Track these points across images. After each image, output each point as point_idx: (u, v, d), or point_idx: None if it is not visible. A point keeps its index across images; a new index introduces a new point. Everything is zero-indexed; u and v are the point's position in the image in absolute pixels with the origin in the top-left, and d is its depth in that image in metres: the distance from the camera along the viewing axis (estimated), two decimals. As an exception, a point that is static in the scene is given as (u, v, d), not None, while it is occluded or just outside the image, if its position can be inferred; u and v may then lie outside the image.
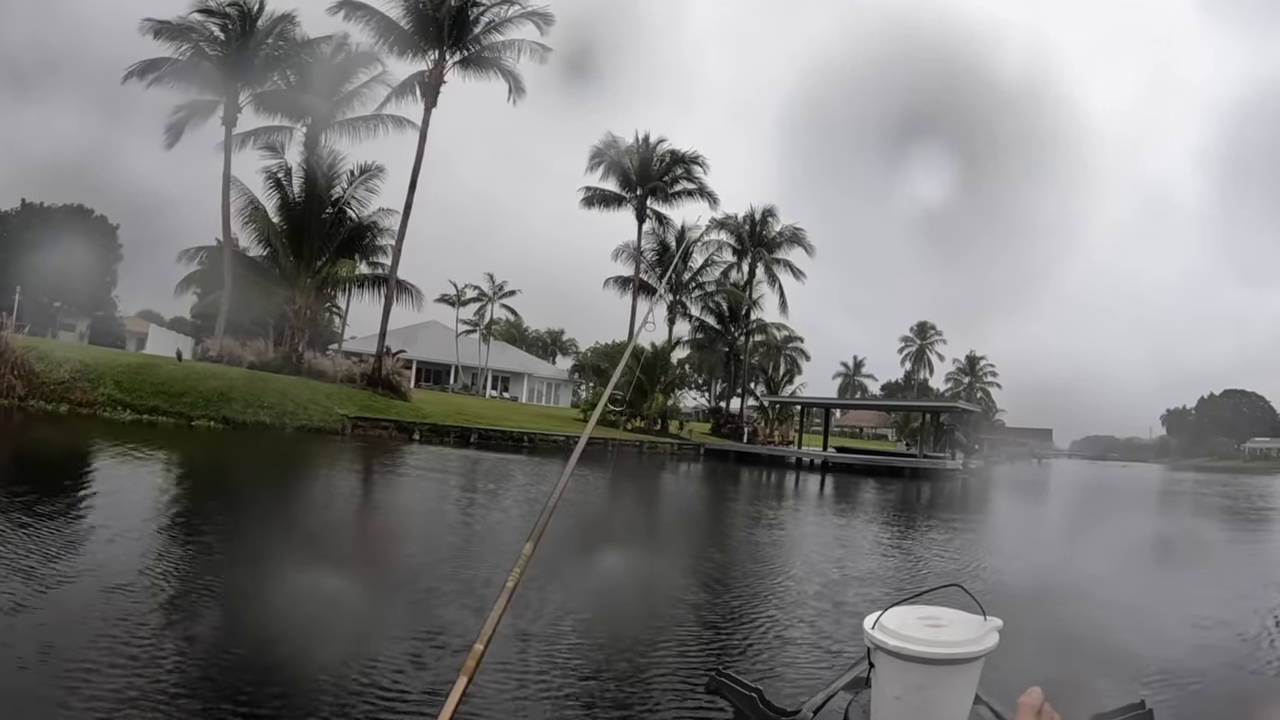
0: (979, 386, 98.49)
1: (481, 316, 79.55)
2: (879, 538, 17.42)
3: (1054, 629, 7.87)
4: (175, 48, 36.33)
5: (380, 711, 5.14)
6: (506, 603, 1.90)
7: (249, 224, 36.56)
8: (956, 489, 36.16)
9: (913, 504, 27.76)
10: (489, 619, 1.86)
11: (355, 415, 32.54)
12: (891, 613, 3.28)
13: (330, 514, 14.14)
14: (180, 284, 38.12)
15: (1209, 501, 36.06)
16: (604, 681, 6.35)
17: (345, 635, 6.45)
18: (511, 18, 38.98)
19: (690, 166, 53.02)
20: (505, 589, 1.95)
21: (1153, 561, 14.40)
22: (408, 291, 40.84)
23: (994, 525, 22.25)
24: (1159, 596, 10.75)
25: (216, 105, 37.61)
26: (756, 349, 68.62)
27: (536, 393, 79.99)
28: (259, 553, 9.57)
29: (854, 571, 12.08)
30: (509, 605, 1.91)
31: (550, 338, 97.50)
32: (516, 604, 2.01)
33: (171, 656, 5.73)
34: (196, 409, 28.96)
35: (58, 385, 27.45)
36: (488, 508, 17.43)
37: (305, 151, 38.67)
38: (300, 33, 38.97)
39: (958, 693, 3.19)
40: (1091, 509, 30.71)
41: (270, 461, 23.22)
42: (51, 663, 5.32)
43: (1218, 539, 20.54)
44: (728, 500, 26.16)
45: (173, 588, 7.66)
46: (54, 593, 6.90)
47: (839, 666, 5.45)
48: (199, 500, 14.24)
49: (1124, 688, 5.78)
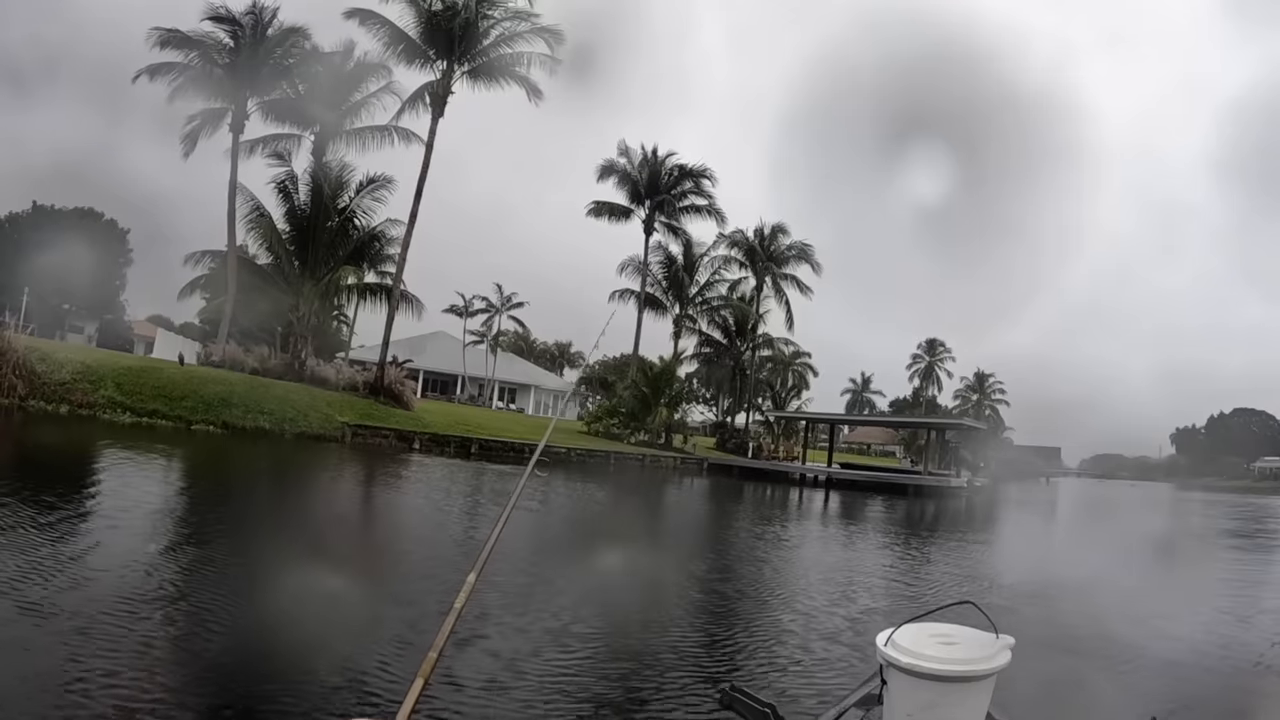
0: (987, 404, 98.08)
1: (489, 328, 79.67)
2: (855, 563, 17.16)
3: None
4: (184, 54, 36.53)
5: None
6: (455, 620, 2.06)
7: (253, 230, 36.73)
8: (958, 508, 35.82)
9: (909, 523, 27.47)
10: (443, 627, 2.01)
11: (355, 423, 32.52)
12: (903, 630, 3.28)
13: (291, 521, 13.99)
14: (184, 289, 38.22)
15: (1207, 524, 35.58)
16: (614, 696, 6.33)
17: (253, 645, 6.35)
18: (522, 33, 39.16)
19: (699, 180, 52.98)
20: (454, 609, 2.07)
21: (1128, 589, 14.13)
22: (409, 302, 40.92)
23: (986, 550, 21.90)
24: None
25: (226, 112, 37.76)
26: (764, 364, 68.48)
27: (543, 405, 79.94)
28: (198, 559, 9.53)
29: (813, 605, 11.83)
30: (457, 622, 2.06)
31: (558, 350, 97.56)
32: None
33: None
34: (196, 413, 28.99)
35: (59, 386, 27.48)
36: (449, 517, 17.32)
37: (313, 160, 38.90)
38: (310, 44, 39.16)
39: (970, 711, 3.18)
40: (1088, 533, 30.45)
41: (255, 468, 23.14)
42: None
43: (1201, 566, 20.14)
44: (720, 516, 25.98)
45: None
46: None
47: (851, 683, 5.41)
48: (160, 506, 14.03)
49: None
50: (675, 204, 52.90)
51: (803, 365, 76.51)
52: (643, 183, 52.12)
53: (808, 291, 59.42)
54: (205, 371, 33.37)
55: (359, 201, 37.95)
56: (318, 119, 39.27)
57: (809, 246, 59.23)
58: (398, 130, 39.93)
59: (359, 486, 21.55)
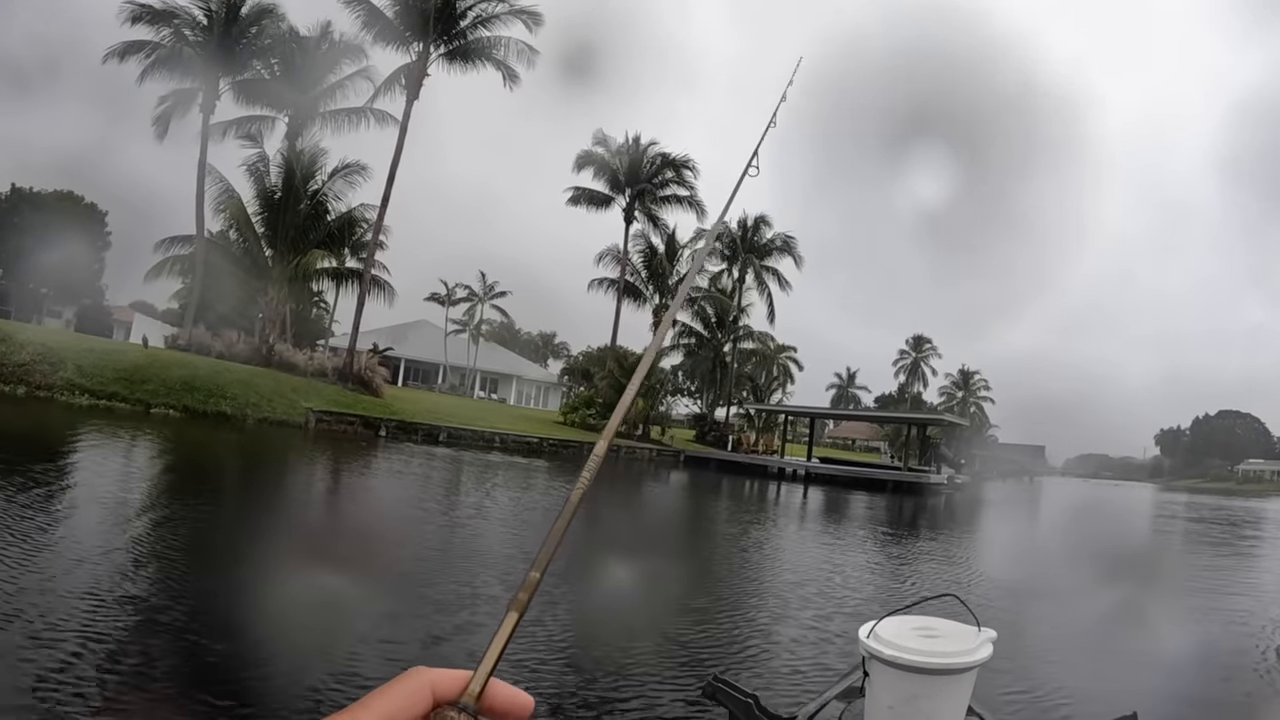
0: (972, 401, 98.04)
1: (471, 316, 79.24)
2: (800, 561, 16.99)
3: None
4: (155, 31, 36.14)
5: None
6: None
7: (219, 213, 36.40)
8: (931, 505, 35.58)
9: (873, 520, 27.20)
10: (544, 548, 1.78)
11: (320, 410, 32.21)
12: (886, 622, 3.35)
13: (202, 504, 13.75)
14: (150, 272, 37.71)
15: (1187, 528, 35.45)
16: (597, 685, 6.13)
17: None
18: (500, 14, 38.81)
19: (681, 170, 52.54)
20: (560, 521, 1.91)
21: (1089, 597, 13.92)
22: (380, 287, 40.65)
23: (947, 548, 21.66)
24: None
25: (198, 93, 37.40)
26: (749, 358, 68.22)
27: (525, 395, 79.70)
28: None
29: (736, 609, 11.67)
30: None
31: (542, 340, 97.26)
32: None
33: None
34: (157, 397, 28.70)
35: (17, 367, 27.13)
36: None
37: (286, 142, 38.56)
38: (285, 24, 38.80)
39: (951, 703, 3.24)
40: (1061, 533, 30.35)
41: (197, 452, 22.77)
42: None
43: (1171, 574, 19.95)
44: (689, 511, 25.78)
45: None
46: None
47: (833, 675, 5.47)
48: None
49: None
50: (656, 193, 52.49)
51: (787, 359, 76.28)
52: (623, 170, 51.67)
53: (787, 287, 59.29)
54: (169, 355, 33.05)
55: (331, 185, 37.61)
56: (292, 101, 38.93)
57: (792, 239, 59.02)
58: (374, 113, 39.69)
59: (294, 474, 21.27)
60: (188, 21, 36.72)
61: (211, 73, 36.94)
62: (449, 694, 0.58)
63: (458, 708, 0.57)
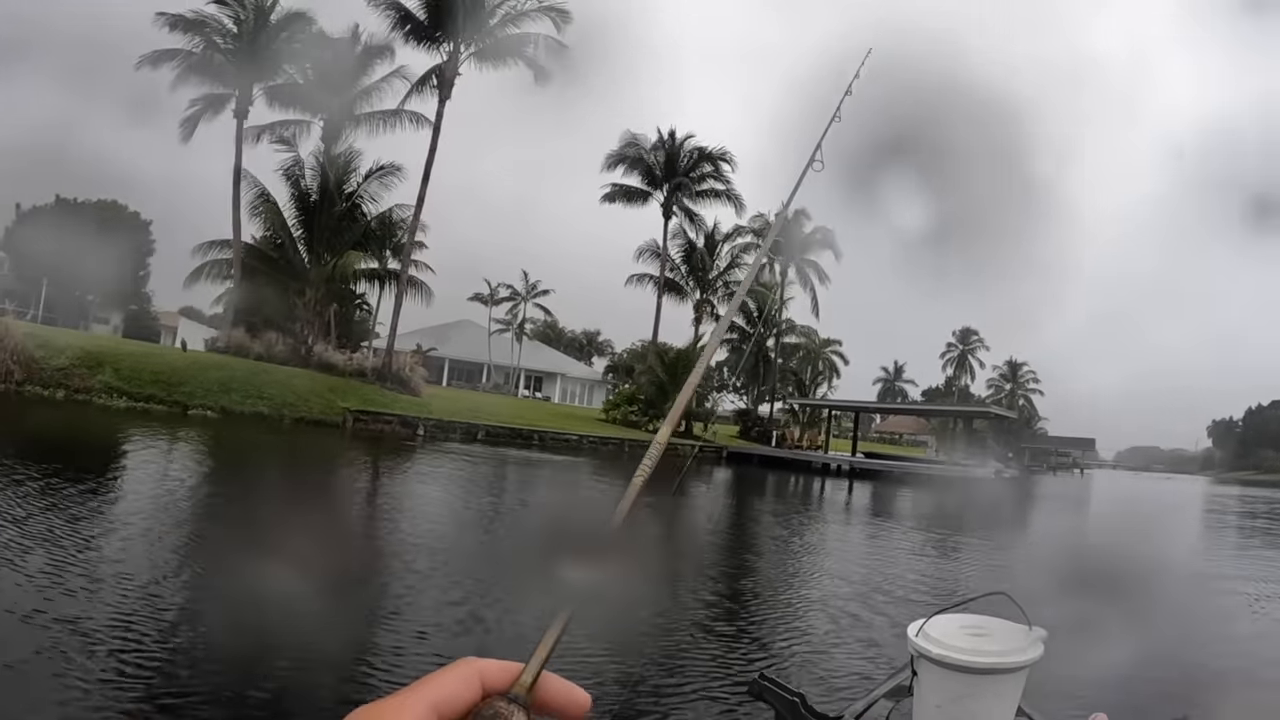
0: (1021, 393, 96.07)
1: (514, 315, 79.26)
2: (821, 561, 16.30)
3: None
4: (188, 39, 36.36)
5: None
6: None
7: (255, 217, 36.58)
8: (978, 500, 34.40)
9: (923, 514, 26.33)
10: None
11: (357, 409, 32.11)
12: (935, 621, 3.28)
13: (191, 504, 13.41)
14: (189, 277, 38.01)
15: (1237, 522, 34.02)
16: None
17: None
18: (529, 11, 38.50)
19: (718, 164, 51.81)
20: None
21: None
22: (417, 288, 40.55)
23: (991, 545, 20.72)
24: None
25: (229, 98, 37.56)
26: (793, 353, 67.39)
27: (570, 393, 79.50)
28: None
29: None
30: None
31: (586, 338, 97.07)
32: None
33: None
34: (194, 398, 28.79)
35: (56, 371, 27.38)
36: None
37: (321, 145, 38.62)
38: (315, 27, 38.81)
39: (1001, 703, 3.16)
40: (1110, 534, 29.19)
41: (230, 452, 22.58)
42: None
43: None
44: (733, 508, 25.16)
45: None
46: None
47: (881, 673, 5.43)
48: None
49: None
50: (693, 188, 51.86)
51: (832, 353, 75.29)
52: (659, 166, 51.14)
53: (826, 280, 58.41)
54: (207, 357, 33.23)
55: (366, 187, 37.63)
56: (324, 104, 38.94)
57: (830, 231, 58.01)
58: (408, 114, 39.55)
59: (322, 473, 20.96)
60: (218, 29, 36.92)
61: (244, 79, 37.07)
62: (499, 685, 0.57)
63: (508, 699, 0.56)
